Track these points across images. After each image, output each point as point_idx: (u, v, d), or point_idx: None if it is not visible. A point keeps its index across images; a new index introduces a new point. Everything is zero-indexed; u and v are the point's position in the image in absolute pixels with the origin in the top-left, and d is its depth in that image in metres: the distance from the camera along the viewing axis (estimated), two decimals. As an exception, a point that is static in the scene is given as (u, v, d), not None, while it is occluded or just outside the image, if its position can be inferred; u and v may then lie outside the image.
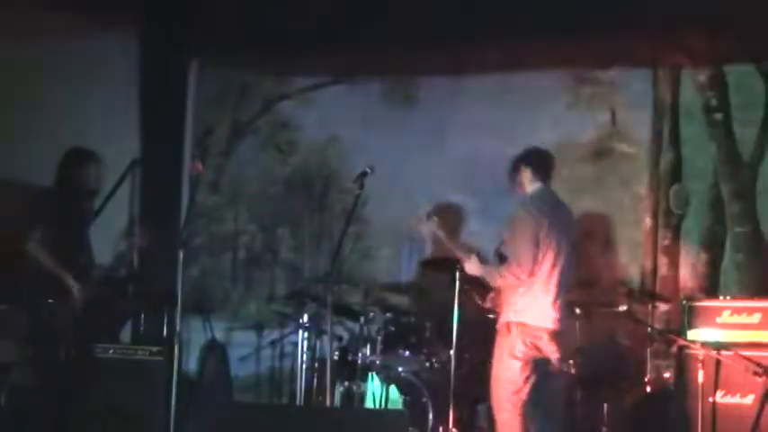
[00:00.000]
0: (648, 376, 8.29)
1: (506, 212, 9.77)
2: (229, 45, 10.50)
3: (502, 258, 7.14)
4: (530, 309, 6.87)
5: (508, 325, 6.91)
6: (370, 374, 8.20)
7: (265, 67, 10.74)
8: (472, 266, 7.17)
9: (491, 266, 7.13)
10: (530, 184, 7.29)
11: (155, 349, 7.63)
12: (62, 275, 7.29)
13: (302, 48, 10.16)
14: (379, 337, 8.33)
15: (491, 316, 7.49)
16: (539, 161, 7.33)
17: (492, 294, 7.43)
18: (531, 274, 6.84)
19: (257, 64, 10.73)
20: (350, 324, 8.70)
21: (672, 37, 9.22)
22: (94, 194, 7.67)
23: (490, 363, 8.37)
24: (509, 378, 6.87)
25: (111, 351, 7.90)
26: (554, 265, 6.96)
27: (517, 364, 6.85)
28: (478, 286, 7.60)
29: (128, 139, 10.06)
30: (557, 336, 6.98)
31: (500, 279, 6.95)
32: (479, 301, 7.47)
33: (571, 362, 8.20)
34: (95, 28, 9.90)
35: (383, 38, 9.76)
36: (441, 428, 7.96)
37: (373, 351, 8.34)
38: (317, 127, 10.59)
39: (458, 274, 7.48)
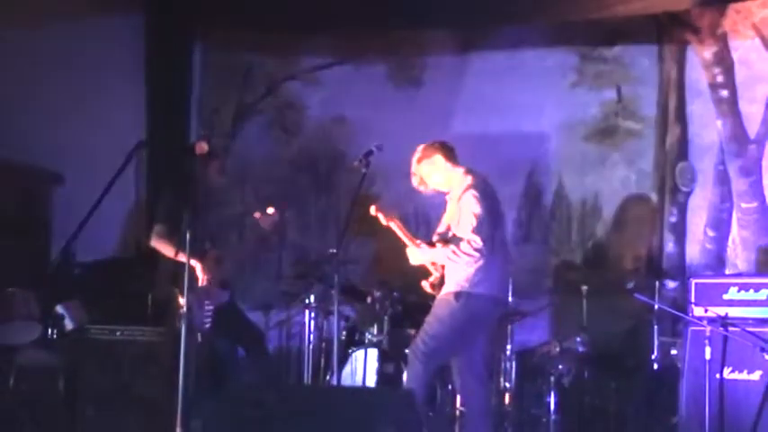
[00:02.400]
0: (655, 354, 8.30)
1: (510, 192, 9.87)
2: (234, 26, 10.50)
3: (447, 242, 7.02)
4: (487, 280, 6.84)
5: (458, 294, 6.85)
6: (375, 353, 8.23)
7: (270, 48, 10.73)
8: (418, 256, 7.07)
9: (438, 250, 7.00)
10: (453, 169, 7.12)
11: (162, 330, 7.63)
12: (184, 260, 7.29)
13: (307, 28, 10.15)
14: (386, 317, 8.34)
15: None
16: (446, 147, 7.20)
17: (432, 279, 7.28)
18: (489, 250, 6.79)
19: (262, 45, 10.72)
20: (357, 304, 8.72)
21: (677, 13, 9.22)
22: (214, 190, 7.67)
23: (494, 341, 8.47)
24: (433, 335, 6.84)
25: (118, 333, 7.91)
26: (498, 238, 6.93)
27: (448, 333, 6.84)
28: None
29: (133, 120, 10.07)
30: (503, 306, 7.06)
31: (463, 257, 6.83)
32: (429, 290, 7.33)
33: (578, 339, 8.22)
34: (101, 11, 9.90)
35: (388, 18, 9.75)
36: (448, 408, 7.99)
37: (380, 330, 8.36)
38: (322, 107, 10.59)
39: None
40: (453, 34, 10.27)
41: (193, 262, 6.86)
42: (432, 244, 7.07)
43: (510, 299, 7.89)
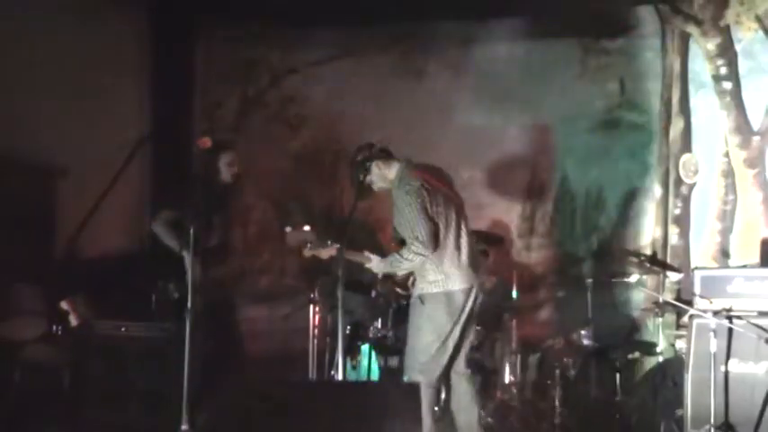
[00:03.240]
0: (660, 346, 8.30)
1: (514, 185, 9.87)
2: (237, 20, 10.49)
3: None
4: (439, 278, 6.80)
5: (421, 297, 6.83)
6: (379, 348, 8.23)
7: (273, 42, 10.72)
8: (376, 266, 7.05)
9: (388, 258, 6.96)
10: (389, 170, 7.03)
11: (167, 326, 7.65)
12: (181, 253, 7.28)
13: (309, 22, 10.14)
14: (391, 311, 8.34)
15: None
16: (377, 150, 7.08)
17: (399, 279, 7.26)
18: (436, 247, 6.75)
19: (265, 38, 10.71)
20: (361, 298, 8.71)
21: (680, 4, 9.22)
22: (228, 186, 7.63)
23: (499, 335, 8.47)
24: (424, 349, 6.82)
25: (123, 329, 7.92)
26: (453, 229, 6.86)
27: (433, 335, 6.80)
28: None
29: (138, 114, 10.07)
30: (475, 292, 6.98)
31: (406, 263, 6.81)
32: (401, 290, 7.30)
33: (583, 332, 8.22)
34: (104, 5, 9.90)
35: (391, 11, 9.74)
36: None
37: (385, 325, 8.35)
38: (325, 101, 10.58)
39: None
40: (456, 26, 10.26)
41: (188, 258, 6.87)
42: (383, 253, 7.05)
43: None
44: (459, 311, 6.83)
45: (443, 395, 7.32)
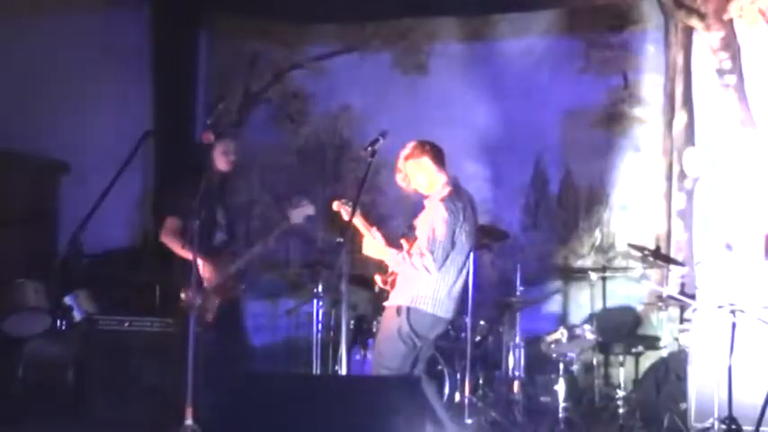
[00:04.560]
0: (664, 340, 8.29)
1: (517, 179, 9.86)
2: (240, 15, 10.49)
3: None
4: (430, 297, 6.75)
5: (399, 308, 6.77)
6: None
7: (276, 37, 10.71)
8: (371, 249, 6.98)
9: (391, 252, 6.89)
10: (437, 176, 6.90)
11: (170, 321, 7.64)
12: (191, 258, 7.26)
13: (313, 17, 10.14)
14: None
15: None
16: (436, 150, 6.93)
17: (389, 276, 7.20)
18: (442, 266, 6.70)
19: (268, 33, 10.71)
20: (365, 293, 8.71)
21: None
22: (226, 175, 7.59)
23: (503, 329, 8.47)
24: (391, 356, 6.77)
25: (126, 324, 7.92)
26: (462, 262, 6.83)
27: (402, 348, 6.75)
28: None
29: (140, 110, 10.07)
30: (444, 325, 6.94)
31: (407, 267, 6.75)
32: (381, 285, 7.24)
33: (587, 327, 8.21)
34: (107, 0, 9.92)
35: (394, 5, 9.74)
36: (457, 395, 7.99)
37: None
38: (328, 96, 10.57)
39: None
40: (459, 21, 10.25)
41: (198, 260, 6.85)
42: (390, 242, 6.98)
43: (455, 318, 7.62)
44: (424, 334, 6.78)
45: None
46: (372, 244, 6.91)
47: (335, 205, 7.00)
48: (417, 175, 6.89)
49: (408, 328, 6.70)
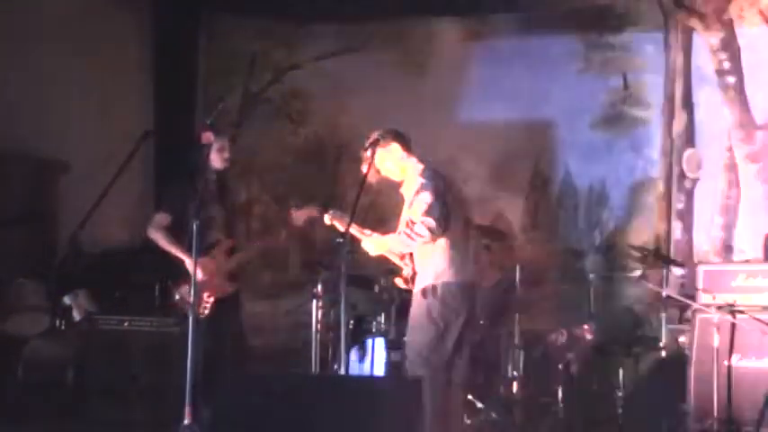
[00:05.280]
0: (663, 341, 8.29)
1: (517, 180, 9.85)
2: (239, 15, 10.49)
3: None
4: (449, 266, 6.75)
5: (425, 290, 6.76)
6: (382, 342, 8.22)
7: (275, 37, 10.71)
8: (373, 246, 6.98)
9: (391, 236, 6.90)
10: (407, 160, 6.90)
11: (170, 320, 7.65)
12: (178, 254, 7.25)
13: (312, 16, 10.14)
14: (394, 306, 8.33)
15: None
16: (403, 136, 6.97)
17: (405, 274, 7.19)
18: (446, 228, 6.68)
19: (267, 33, 10.71)
20: (364, 293, 8.70)
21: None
22: (222, 174, 7.59)
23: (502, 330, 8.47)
24: (421, 344, 6.75)
25: (125, 323, 7.92)
26: (461, 221, 6.84)
27: (433, 332, 6.73)
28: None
29: (140, 110, 10.07)
30: (475, 288, 6.93)
31: (418, 239, 6.74)
32: (403, 285, 7.24)
33: (586, 327, 8.21)
34: (107, 0, 9.92)
35: (393, 6, 9.74)
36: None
37: (388, 319, 8.35)
38: (328, 96, 10.57)
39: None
40: (459, 21, 10.25)
41: (185, 257, 6.87)
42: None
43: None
44: (458, 305, 6.76)
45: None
46: (370, 241, 6.92)
47: (327, 219, 7.01)
48: (386, 161, 6.92)
49: (440, 307, 6.69)
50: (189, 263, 7.03)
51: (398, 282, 7.12)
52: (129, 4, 10.15)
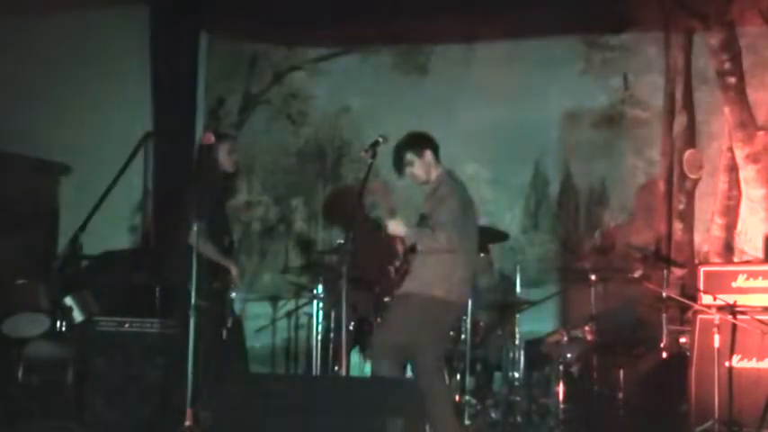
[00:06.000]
0: (664, 342, 8.28)
1: (517, 180, 9.84)
2: (240, 16, 10.48)
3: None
4: (439, 282, 6.77)
5: (412, 295, 6.79)
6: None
7: (276, 38, 10.71)
8: (397, 227, 6.99)
9: (416, 228, 6.93)
10: (434, 166, 7.02)
11: (170, 322, 7.64)
12: (224, 262, 7.26)
13: (312, 18, 10.13)
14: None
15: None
16: (433, 144, 7.08)
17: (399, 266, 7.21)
18: (458, 244, 6.73)
19: (267, 34, 10.70)
20: (365, 294, 8.70)
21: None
22: (232, 176, 7.58)
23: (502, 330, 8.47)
24: (393, 345, 6.79)
25: (126, 324, 7.91)
26: (470, 241, 6.88)
27: (405, 332, 6.77)
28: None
29: (140, 111, 10.07)
30: (459, 310, 7.06)
31: (434, 243, 6.76)
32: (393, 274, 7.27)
33: (586, 328, 8.21)
34: (107, 2, 9.91)
35: (394, 7, 9.73)
36: (457, 396, 7.99)
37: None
38: (328, 97, 10.57)
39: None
40: (459, 22, 10.24)
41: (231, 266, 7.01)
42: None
43: (469, 303, 7.66)
44: (438, 320, 6.81)
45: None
46: (395, 221, 6.95)
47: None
48: (416, 164, 6.97)
49: (419, 314, 6.75)
50: (235, 271, 7.12)
51: (390, 270, 7.15)
52: (130, 5, 10.14)
